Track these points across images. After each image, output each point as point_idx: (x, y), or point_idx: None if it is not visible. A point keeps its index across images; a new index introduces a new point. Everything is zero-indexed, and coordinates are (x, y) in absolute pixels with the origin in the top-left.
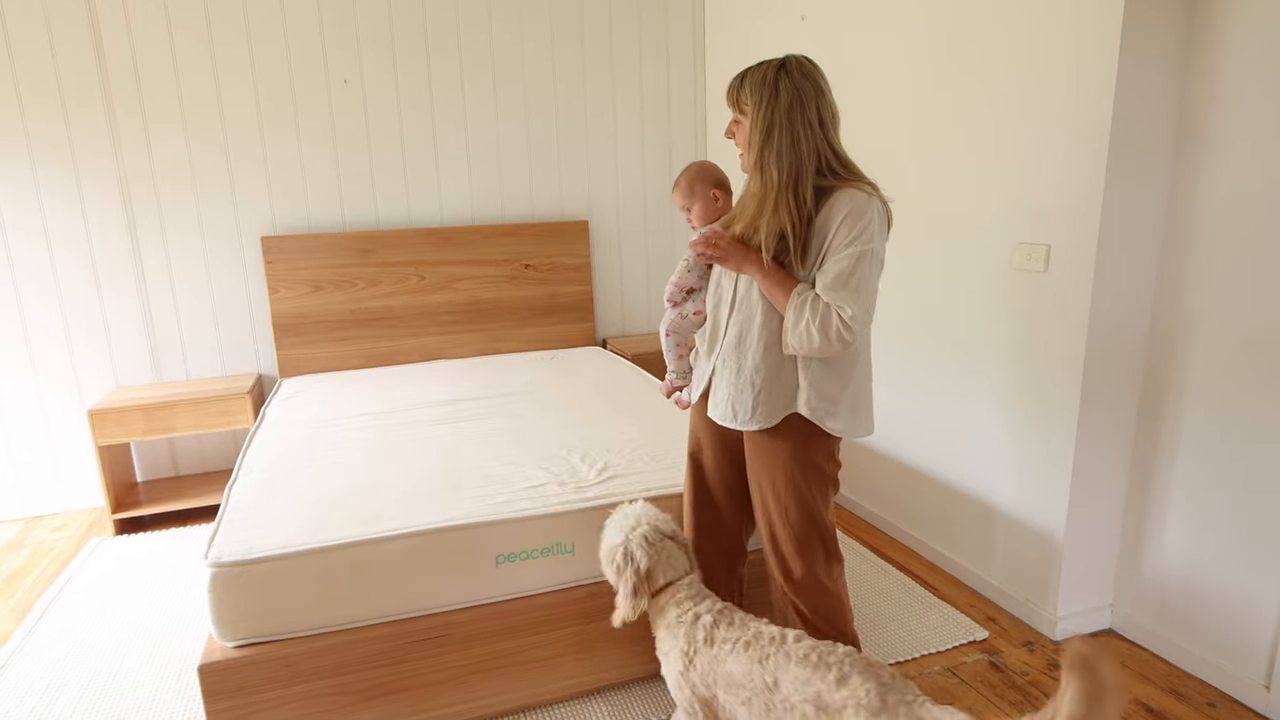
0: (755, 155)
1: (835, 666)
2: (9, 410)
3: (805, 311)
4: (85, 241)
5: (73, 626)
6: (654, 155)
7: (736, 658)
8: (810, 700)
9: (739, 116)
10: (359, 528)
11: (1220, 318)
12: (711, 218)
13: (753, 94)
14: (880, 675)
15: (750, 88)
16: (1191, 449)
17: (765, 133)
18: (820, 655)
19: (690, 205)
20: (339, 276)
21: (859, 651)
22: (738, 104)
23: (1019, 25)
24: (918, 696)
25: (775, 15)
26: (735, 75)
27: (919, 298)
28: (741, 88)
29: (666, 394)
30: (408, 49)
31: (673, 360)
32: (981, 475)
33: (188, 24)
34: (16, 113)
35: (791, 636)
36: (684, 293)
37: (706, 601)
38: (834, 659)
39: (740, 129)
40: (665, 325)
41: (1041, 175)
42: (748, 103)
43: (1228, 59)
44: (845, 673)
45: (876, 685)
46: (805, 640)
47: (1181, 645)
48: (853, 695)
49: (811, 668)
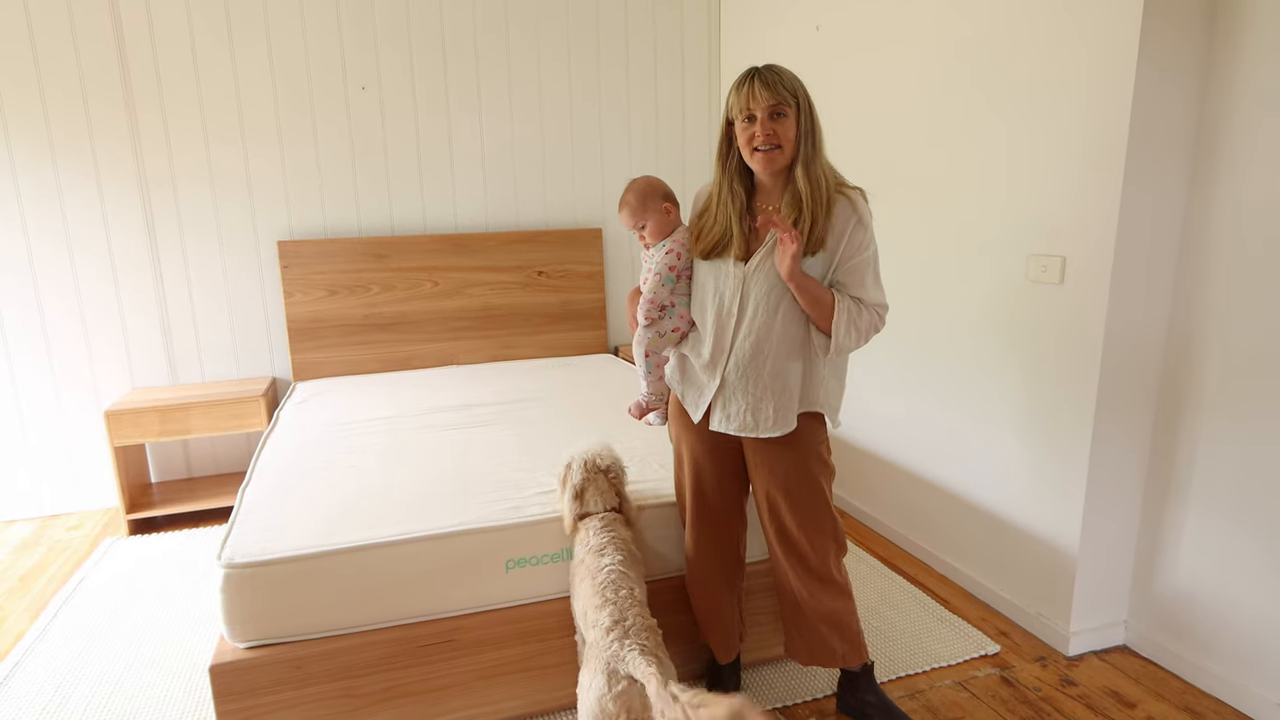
0: (815, 144)
1: (604, 590)
2: (28, 410)
3: (859, 317)
4: (105, 243)
5: (85, 626)
6: (669, 164)
7: (583, 582)
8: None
9: (784, 109)
10: (371, 531)
11: (1237, 331)
12: (666, 232)
13: (798, 87)
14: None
15: (793, 80)
16: (1208, 463)
17: (816, 125)
18: (607, 582)
19: (644, 222)
20: (354, 281)
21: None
22: (784, 96)
23: (1034, 36)
24: (644, 645)
25: (790, 25)
26: (758, 72)
27: (933, 309)
28: (780, 80)
29: (639, 415)
30: (425, 56)
31: (652, 381)
32: (995, 487)
33: (209, 30)
34: (41, 117)
35: (608, 563)
36: (659, 309)
37: (610, 540)
38: (610, 594)
39: (785, 123)
40: (643, 345)
41: (1057, 187)
42: (796, 95)
43: (1247, 72)
44: (606, 598)
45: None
46: (614, 570)
47: (1196, 663)
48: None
49: (599, 592)
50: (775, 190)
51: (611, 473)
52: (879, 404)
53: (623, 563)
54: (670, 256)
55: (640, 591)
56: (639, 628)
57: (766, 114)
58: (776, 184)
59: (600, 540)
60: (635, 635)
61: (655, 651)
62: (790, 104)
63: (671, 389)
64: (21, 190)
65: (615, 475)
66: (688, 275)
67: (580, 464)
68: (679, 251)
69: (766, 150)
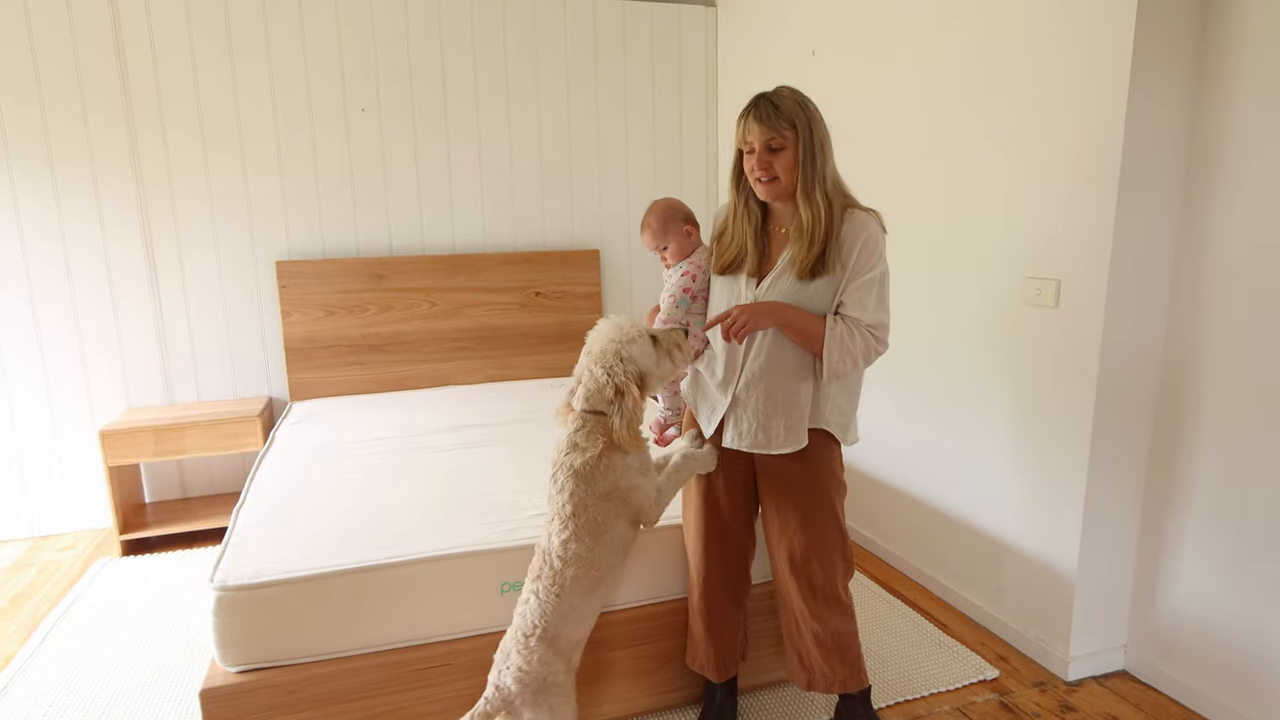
0: (816, 175)
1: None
2: (23, 428)
3: (852, 342)
4: (103, 262)
5: (76, 648)
6: (666, 186)
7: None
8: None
9: (781, 141)
10: (365, 553)
11: (1234, 354)
12: (686, 253)
13: (796, 117)
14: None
15: (793, 110)
16: (1205, 486)
17: (820, 152)
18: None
19: (665, 244)
20: (352, 301)
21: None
22: (778, 129)
23: (1028, 60)
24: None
25: (786, 47)
26: (755, 104)
27: (929, 331)
28: (778, 113)
29: (659, 432)
30: (424, 78)
31: (667, 397)
32: (992, 511)
33: (210, 50)
34: (41, 135)
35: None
36: None
37: (582, 440)
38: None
39: (783, 155)
40: None
41: (1052, 210)
42: (793, 126)
43: (1239, 95)
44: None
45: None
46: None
47: (1196, 688)
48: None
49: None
50: (787, 211)
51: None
52: (875, 427)
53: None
54: (685, 279)
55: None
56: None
57: (762, 148)
58: (787, 206)
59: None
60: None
61: None
62: (787, 135)
63: (687, 404)
64: (21, 208)
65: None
66: (704, 296)
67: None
68: (694, 274)
69: (765, 182)
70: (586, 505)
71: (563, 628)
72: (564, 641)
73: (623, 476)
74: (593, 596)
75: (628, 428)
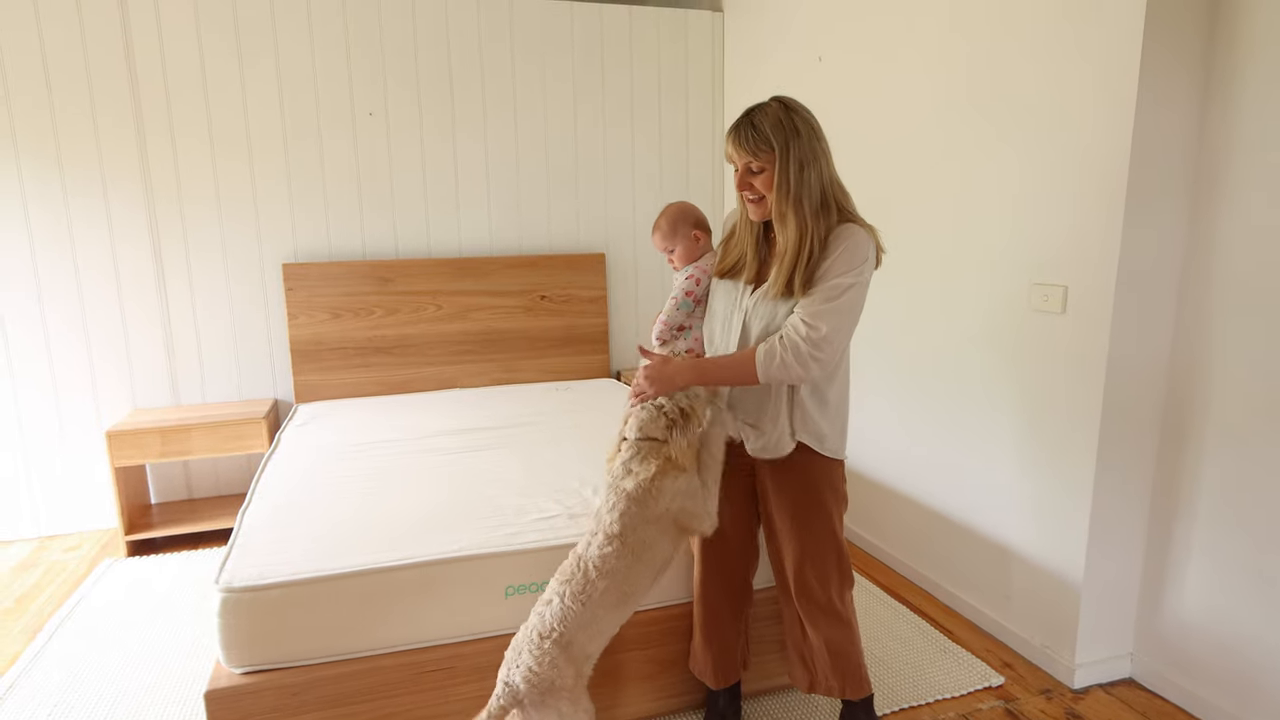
0: (791, 198)
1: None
2: (30, 429)
3: (774, 353)
4: (110, 264)
5: (81, 649)
6: (672, 190)
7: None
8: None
9: (760, 164)
10: (370, 556)
11: (1241, 361)
12: (694, 258)
13: (775, 137)
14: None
15: (770, 131)
16: (1212, 494)
17: (800, 172)
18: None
19: (673, 247)
20: (358, 304)
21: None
22: (755, 152)
23: (1036, 67)
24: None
25: (793, 53)
26: (736, 126)
27: (936, 337)
28: (756, 135)
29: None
30: (431, 82)
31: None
32: (998, 517)
33: (219, 54)
34: (51, 138)
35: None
36: (674, 331)
37: (636, 465)
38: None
39: (763, 177)
40: None
41: (1059, 216)
42: (771, 147)
43: (1247, 104)
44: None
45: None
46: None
47: (1202, 696)
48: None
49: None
50: None
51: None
52: (881, 432)
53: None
54: (689, 283)
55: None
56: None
57: (743, 169)
58: None
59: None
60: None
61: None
62: (765, 157)
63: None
64: (30, 210)
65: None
66: (707, 301)
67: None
68: (698, 278)
69: (752, 201)
70: (635, 527)
71: (580, 636)
72: (578, 650)
73: (673, 500)
74: (617, 612)
75: (688, 447)
